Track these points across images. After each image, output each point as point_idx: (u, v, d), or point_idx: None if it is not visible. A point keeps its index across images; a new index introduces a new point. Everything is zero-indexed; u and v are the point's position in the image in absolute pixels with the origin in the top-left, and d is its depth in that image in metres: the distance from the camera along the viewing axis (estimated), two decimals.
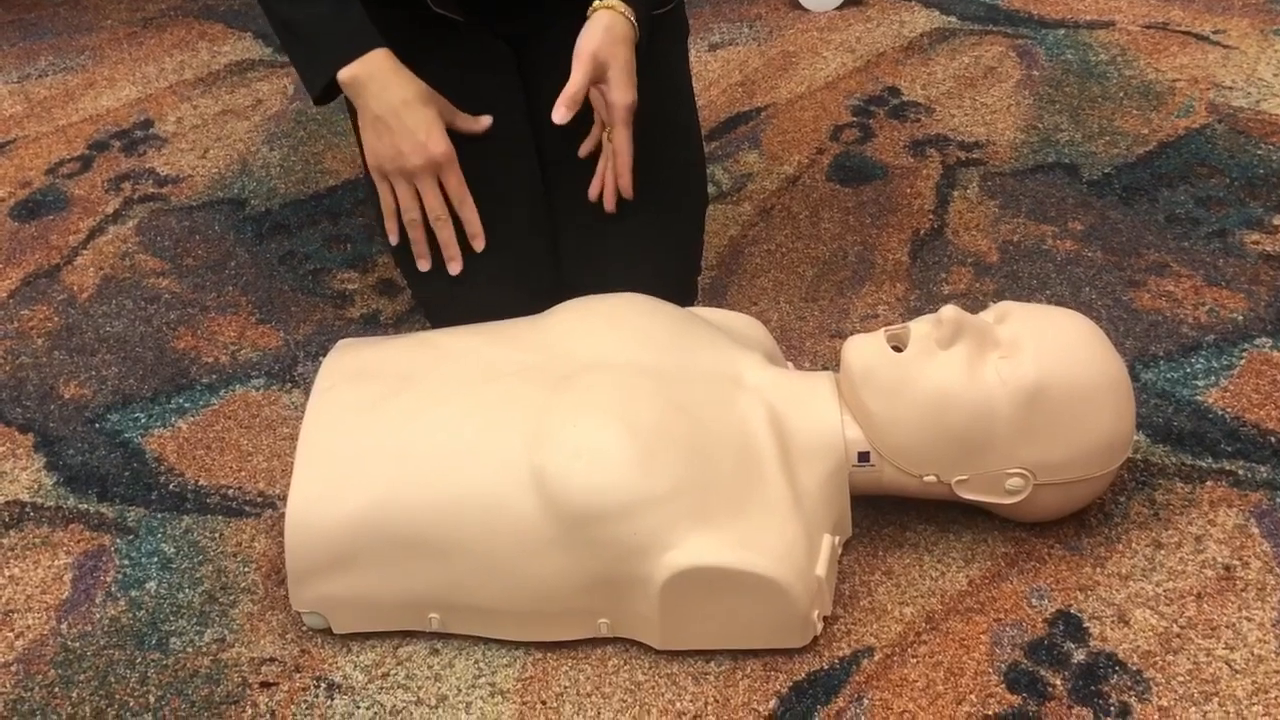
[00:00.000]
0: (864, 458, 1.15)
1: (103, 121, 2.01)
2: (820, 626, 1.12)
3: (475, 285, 1.37)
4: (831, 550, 1.13)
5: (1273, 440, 1.29)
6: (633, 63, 1.29)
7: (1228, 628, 1.12)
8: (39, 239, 1.74)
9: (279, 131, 1.95)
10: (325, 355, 1.28)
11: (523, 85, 1.46)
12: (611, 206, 1.37)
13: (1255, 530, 1.21)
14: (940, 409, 1.11)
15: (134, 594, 1.22)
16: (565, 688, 1.11)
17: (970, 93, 1.92)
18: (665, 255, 1.42)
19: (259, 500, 1.32)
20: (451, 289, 1.38)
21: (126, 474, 1.36)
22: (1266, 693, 1.06)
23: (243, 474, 1.35)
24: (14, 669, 1.16)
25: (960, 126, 1.84)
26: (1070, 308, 1.27)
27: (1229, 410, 1.33)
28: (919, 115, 1.88)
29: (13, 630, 1.20)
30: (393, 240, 1.39)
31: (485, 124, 1.41)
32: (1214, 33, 2.02)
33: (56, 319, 1.60)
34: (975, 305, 1.49)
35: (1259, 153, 1.73)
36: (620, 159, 1.33)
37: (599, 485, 1.06)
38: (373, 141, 1.34)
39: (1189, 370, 1.39)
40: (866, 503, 1.22)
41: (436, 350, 1.23)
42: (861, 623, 1.15)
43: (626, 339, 1.19)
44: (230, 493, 1.33)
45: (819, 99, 1.94)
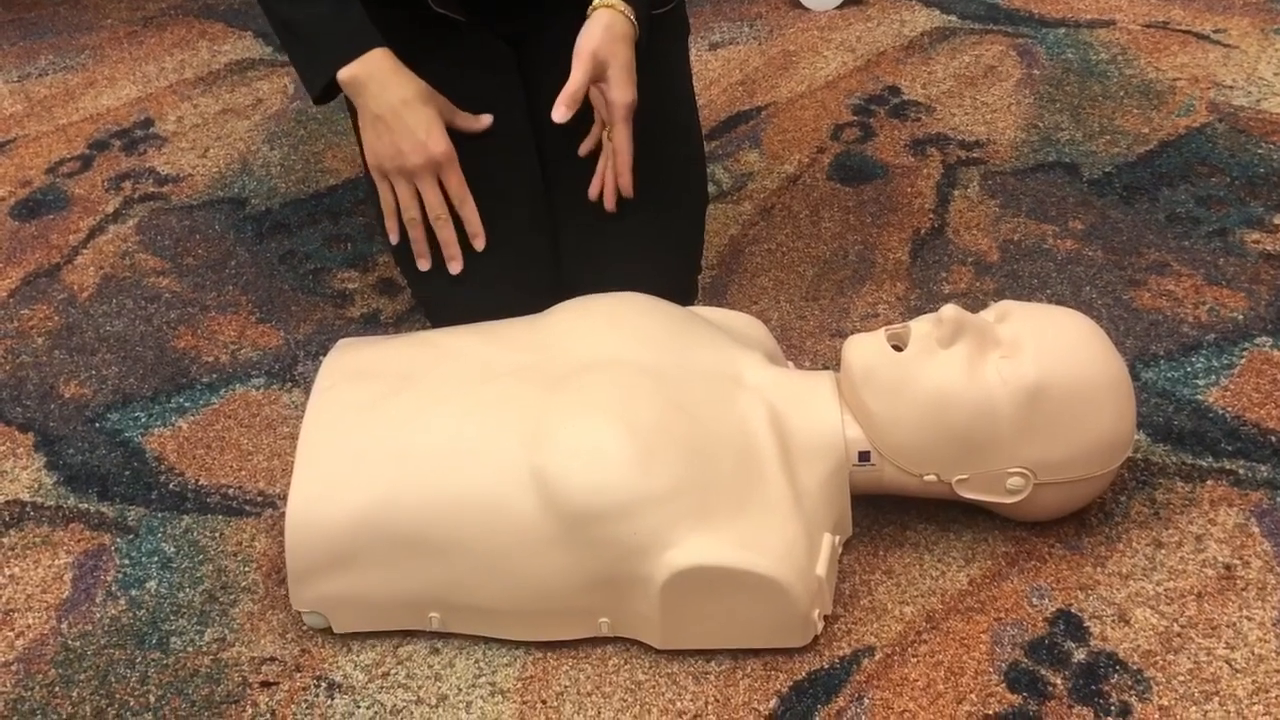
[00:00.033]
0: (864, 457, 1.15)
1: (103, 120, 2.01)
2: (821, 626, 1.12)
3: (475, 284, 1.37)
4: (832, 549, 1.13)
5: (1273, 439, 1.29)
6: (633, 61, 1.29)
7: (1228, 627, 1.12)
8: (39, 238, 1.74)
9: (279, 130, 1.95)
10: (325, 354, 1.28)
11: (523, 84, 1.46)
12: (612, 206, 1.37)
13: (1256, 529, 1.21)
14: (941, 408, 1.11)
15: (134, 593, 1.22)
16: (566, 687, 1.11)
17: (971, 92, 1.92)
18: (665, 254, 1.42)
19: (259, 499, 1.32)
20: (452, 288, 1.38)
21: (127, 473, 1.36)
22: (1267, 692, 1.06)
23: (243, 473, 1.35)
24: (14, 668, 1.16)
25: (961, 126, 1.84)
26: (1071, 307, 1.26)
27: (1229, 409, 1.33)
28: (919, 114, 1.88)
29: (13, 629, 1.20)
30: (393, 240, 1.39)
31: (485, 123, 1.41)
32: (1214, 32, 2.02)
33: (57, 318, 1.60)
34: (976, 304, 1.49)
35: (1259, 152, 1.73)
36: (620, 158, 1.33)
37: (599, 485, 1.06)
38: (373, 141, 1.34)
39: (1189, 369, 1.39)
40: (867, 502, 1.22)
41: (437, 349, 1.23)
42: (862, 622, 1.15)
43: (627, 338, 1.18)
44: (230, 492, 1.33)
45: (819, 98, 1.94)
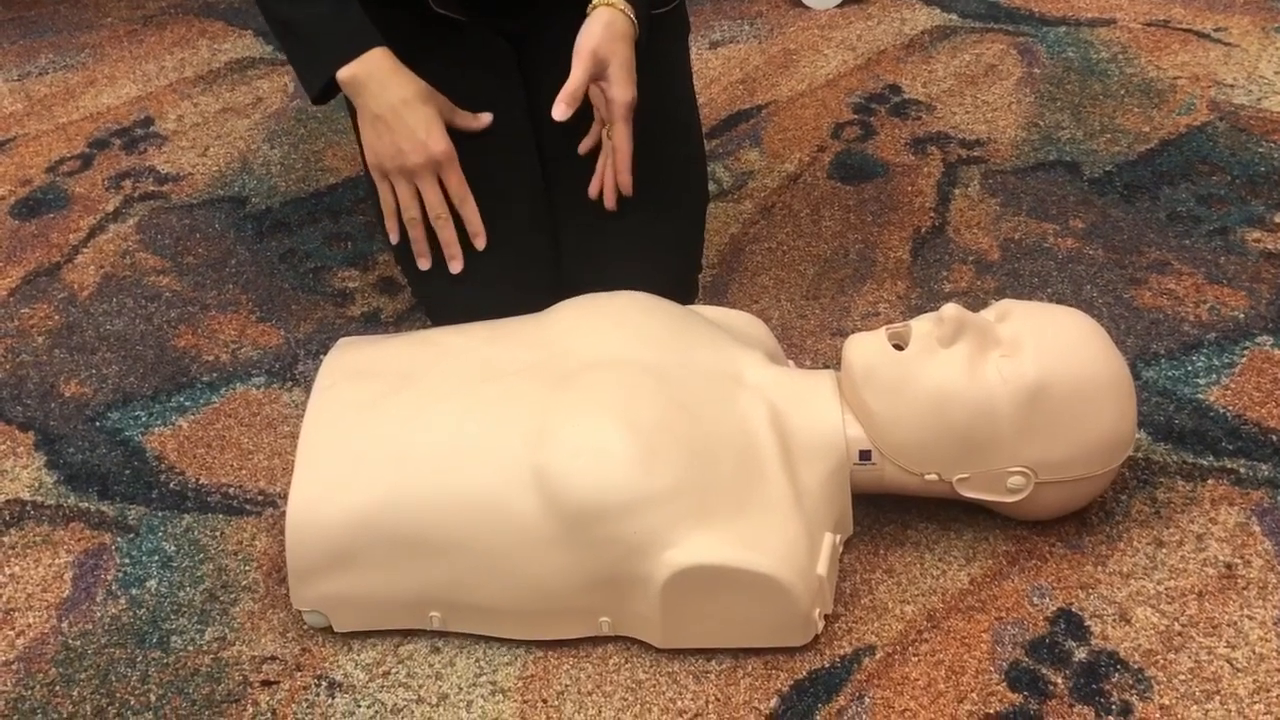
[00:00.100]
0: (865, 456, 1.15)
1: (103, 119, 2.01)
2: (821, 625, 1.12)
3: (476, 283, 1.37)
4: (832, 549, 1.13)
5: (1274, 438, 1.29)
6: (633, 60, 1.29)
7: (1229, 626, 1.12)
8: (39, 237, 1.74)
9: (279, 129, 1.95)
10: (326, 353, 1.28)
11: (523, 82, 1.46)
12: (612, 205, 1.37)
13: (1256, 528, 1.20)
14: (941, 407, 1.11)
15: (135, 592, 1.22)
16: (566, 686, 1.11)
17: (971, 90, 1.92)
18: (666, 253, 1.41)
19: (260, 499, 1.32)
20: (452, 287, 1.38)
21: (127, 472, 1.36)
22: (1268, 691, 1.06)
23: (243, 472, 1.35)
24: (15, 667, 1.16)
25: (961, 124, 1.84)
26: (1071, 306, 1.26)
27: (1230, 408, 1.33)
28: (920, 113, 1.88)
29: (13, 629, 1.20)
30: (393, 239, 1.39)
31: (485, 121, 1.41)
32: (1215, 30, 2.02)
33: (57, 317, 1.59)
34: (976, 303, 1.49)
35: (1260, 150, 1.73)
36: (620, 156, 1.33)
37: (600, 484, 1.06)
38: (372, 140, 1.33)
39: (1190, 368, 1.39)
40: (868, 501, 1.22)
41: (437, 348, 1.23)
42: (863, 621, 1.15)
43: (627, 337, 1.18)
44: (231, 491, 1.33)
45: (820, 97, 1.94)
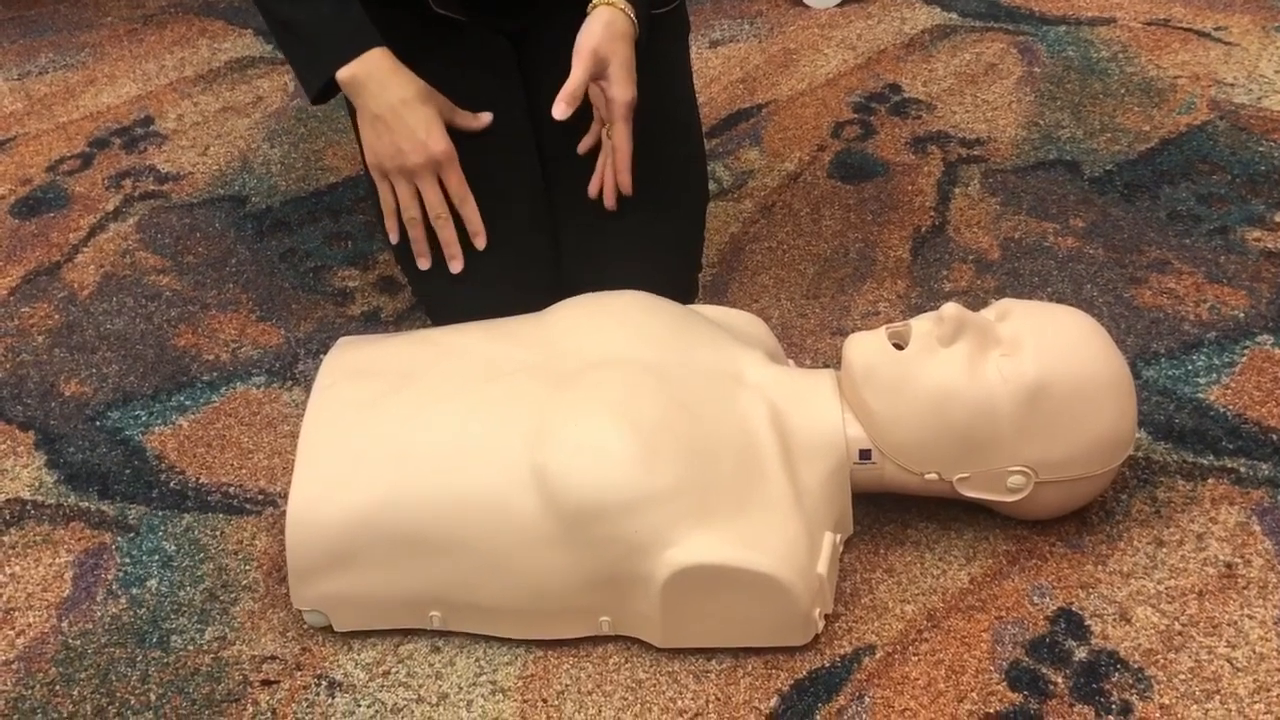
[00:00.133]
0: (865, 455, 1.15)
1: (103, 119, 2.01)
2: (821, 624, 1.12)
3: (476, 283, 1.37)
4: (833, 548, 1.13)
5: (1274, 438, 1.29)
6: (633, 59, 1.29)
7: (1229, 625, 1.12)
8: (39, 236, 1.74)
9: (279, 128, 1.95)
10: (326, 353, 1.28)
11: (523, 82, 1.46)
12: (611, 204, 1.37)
13: (1257, 528, 1.20)
14: (941, 407, 1.11)
15: (135, 592, 1.22)
16: (566, 685, 1.11)
17: (971, 89, 1.92)
18: (666, 253, 1.41)
19: (260, 498, 1.32)
20: (452, 287, 1.38)
21: (127, 472, 1.36)
22: (1268, 691, 1.06)
23: (243, 472, 1.35)
24: (15, 667, 1.16)
25: (961, 123, 1.84)
26: (1072, 305, 1.26)
27: (1230, 408, 1.33)
28: (920, 112, 1.88)
29: (14, 628, 1.20)
30: (393, 239, 1.39)
31: (485, 121, 1.40)
32: (1215, 29, 2.02)
33: (57, 316, 1.59)
34: (976, 302, 1.49)
35: (1260, 149, 1.73)
36: (620, 156, 1.33)
37: (601, 483, 1.06)
38: (372, 140, 1.33)
39: (1190, 367, 1.39)
40: (868, 500, 1.22)
41: (437, 348, 1.23)
42: (863, 620, 1.15)
43: (628, 336, 1.18)
44: (231, 490, 1.33)
45: (820, 96, 1.94)
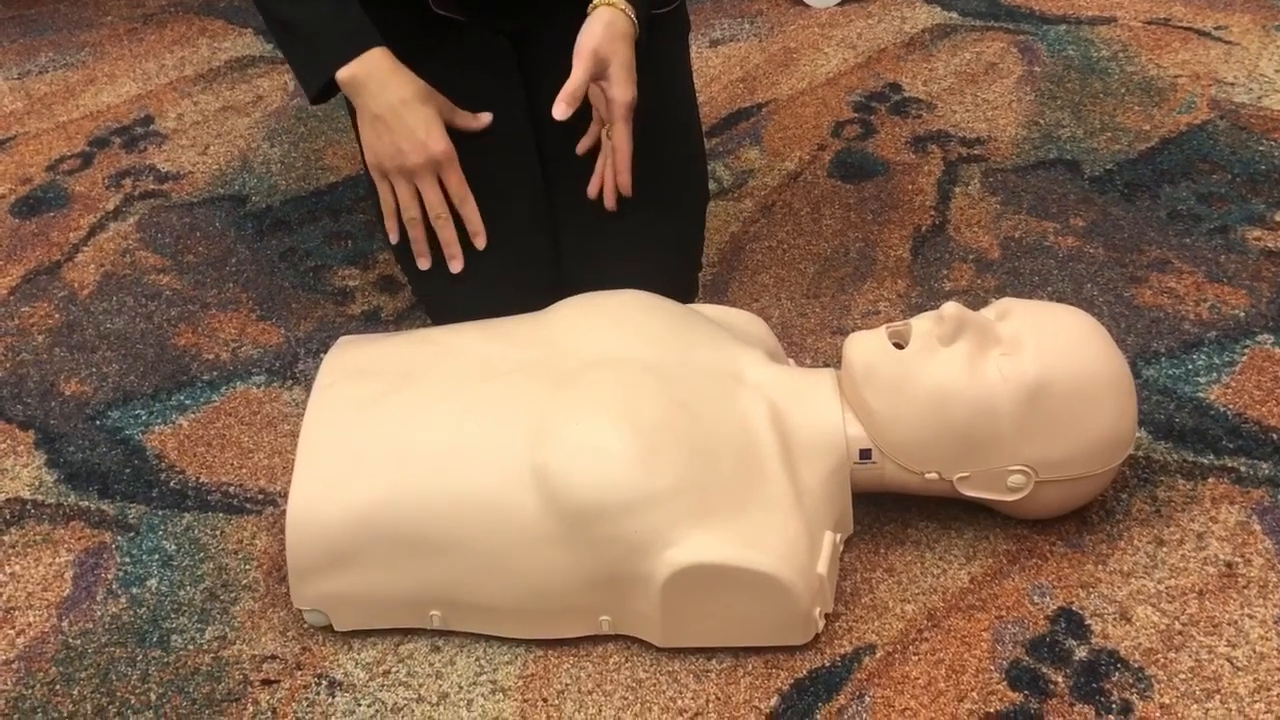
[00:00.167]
0: (865, 455, 1.15)
1: (103, 118, 2.01)
2: (822, 624, 1.12)
3: (476, 283, 1.37)
4: (833, 547, 1.13)
5: (1274, 437, 1.29)
6: (633, 60, 1.29)
7: (1230, 625, 1.12)
8: (39, 236, 1.74)
9: (280, 128, 1.95)
10: (326, 352, 1.28)
11: (523, 82, 1.46)
12: (611, 205, 1.37)
13: (1257, 527, 1.20)
14: (942, 406, 1.11)
15: (135, 591, 1.22)
16: (567, 685, 1.11)
17: (972, 89, 1.92)
18: (666, 253, 1.41)
19: (260, 497, 1.32)
20: (452, 286, 1.38)
21: (127, 471, 1.36)
22: (1268, 690, 1.06)
23: (244, 471, 1.35)
24: (15, 666, 1.16)
25: (962, 123, 1.84)
26: (1072, 304, 1.26)
27: (1231, 407, 1.33)
28: (920, 111, 1.88)
29: (14, 628, 1.20)
30: (393, 239, 1.39)
31: (485, 121, 1.40)
32: (1216, 28, 2.02)
33: (57, 316, 1.59)
34: (977, 302, 1.49)
35: (1261, 149, 1.73)
36: (619, 156, 1.33)
37: (601, 482, 1.06)
38: (372, 140, 1.33)
39: (1191, 367, 1.39)
40: (868, 500, 1.22)
41: (437, 347, 1.23)
42: (863, 620, 1.15)
43: (628, 336, 1.18)
44: (231, 490, 1.33)
45: (820, 95, 1.94)
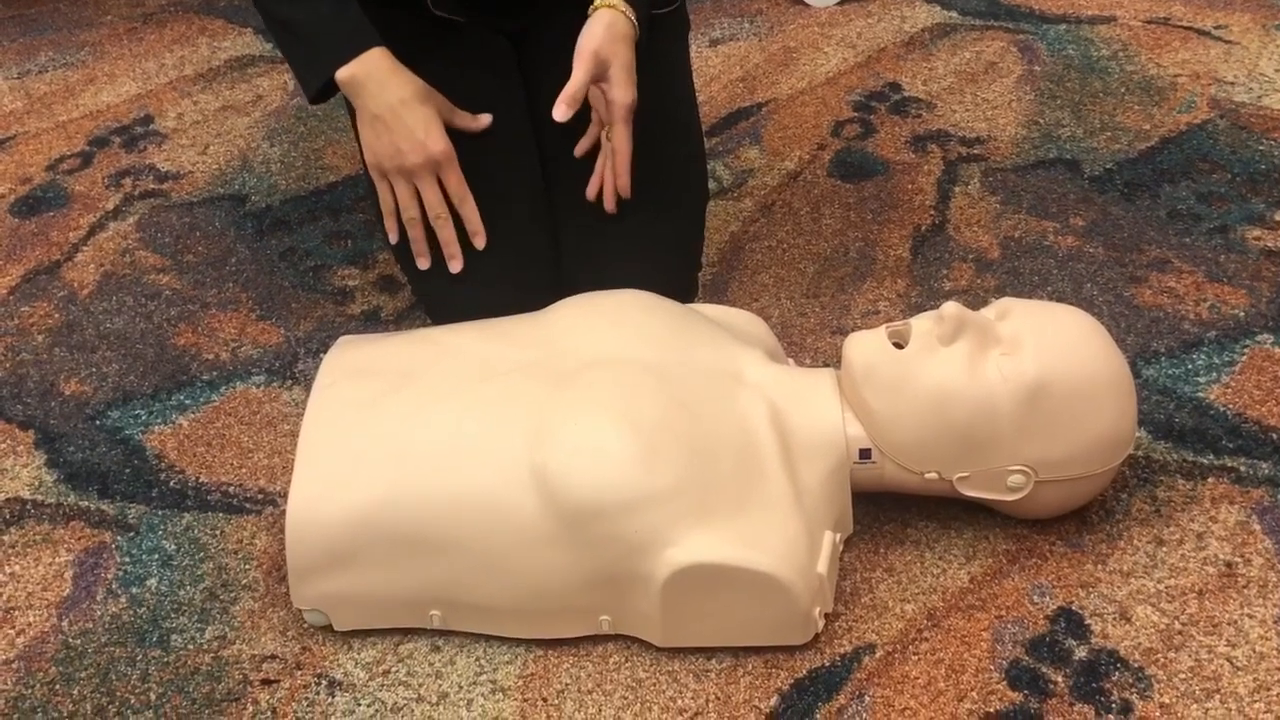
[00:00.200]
0: (865, 454, 1.15)
1: (103, 117, 2.01)
2: (821, 624, 1.12)
3: (476, 283, 1.37)
4: (833, 547, 1.13)
5: (1274, 437, 1.29)
6: (633, 61, 1.29)
7: (1229, 625, 1.12)
8: (39, 235, 1.74)
9: (279, 127, 1.95)
10: (326, 352, 1.28)
11: (523, 82, 1.46)
12: (611, 206, 1.37)
13: (1257, 527, 1.20)
14: (941, 406, 1.11)
15: (135, 591, 1.22)
16: (566, 685, 1.11)
17: (971, 88, 1.92)
18: (666, 252, 1.41)
19: (260, 497, 1.32)
20: (452, 286, 1.38)
21: (127, 471, 1.36)
22: (1268, 690, 1.06)
23: (243, 471, 1.35)
24: (15, 666, 1.16)
25: (961, 122, 1.84)
26: (1072, 304, 1.26)
27: (1231, 407, 1.33)
28: (920, 111, 1.88)
29: (14, 627, 1.20)
30: (392, 239, 1.39)
31: (484, 122, 1.40)
32: (1215, 28, 2.02)
33: (57, 316, 1.59)
34: (976, 302, 1.49)
35: (1261, 148, 1.73)
36: (619, 157, 1.33)
37: (601, 482, 1.06)
38: (371, 140, 1.33)
39: (1190, 367, 1.39)
40: (868, 500, 1.22)
41: (437, 347, 1.23)
42: (863, 620, 1.15)
43: (628, 336, 1.18)
44: (231, 490, 1.33)
45: (820, 94, 1.93)
